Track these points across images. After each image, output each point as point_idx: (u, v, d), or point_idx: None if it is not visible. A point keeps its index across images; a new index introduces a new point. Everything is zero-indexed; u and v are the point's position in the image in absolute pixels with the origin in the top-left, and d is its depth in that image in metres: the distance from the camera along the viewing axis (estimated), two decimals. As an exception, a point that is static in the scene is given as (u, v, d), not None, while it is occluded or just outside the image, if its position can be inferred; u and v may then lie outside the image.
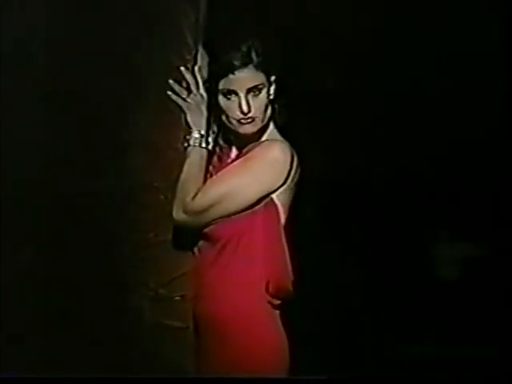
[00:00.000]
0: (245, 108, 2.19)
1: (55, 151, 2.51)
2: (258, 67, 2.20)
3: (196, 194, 2.21)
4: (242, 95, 2.20)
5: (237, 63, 2.17)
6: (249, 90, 2.20)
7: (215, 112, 2.28)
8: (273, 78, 2.26)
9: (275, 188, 2.23)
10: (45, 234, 2.51)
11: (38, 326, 2.47)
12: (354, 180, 11.16)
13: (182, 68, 2.34)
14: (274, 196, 2.24)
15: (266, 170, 2.21)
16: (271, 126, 2.32)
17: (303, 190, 2.31)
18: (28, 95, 2.51)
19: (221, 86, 2.21)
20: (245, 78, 2.19)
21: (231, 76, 2.19)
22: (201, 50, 2.36)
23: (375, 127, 8.93)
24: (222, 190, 2.21)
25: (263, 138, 2.30)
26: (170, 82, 2.33)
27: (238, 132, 2.26)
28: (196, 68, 2.34)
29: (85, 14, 2.50)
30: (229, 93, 2.21)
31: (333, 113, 8.37)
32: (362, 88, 7.94)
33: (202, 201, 2.21)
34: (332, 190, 11.11)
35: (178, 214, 2.24)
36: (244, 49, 2.19)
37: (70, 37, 2.51)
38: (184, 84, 2.34)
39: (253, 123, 2.23)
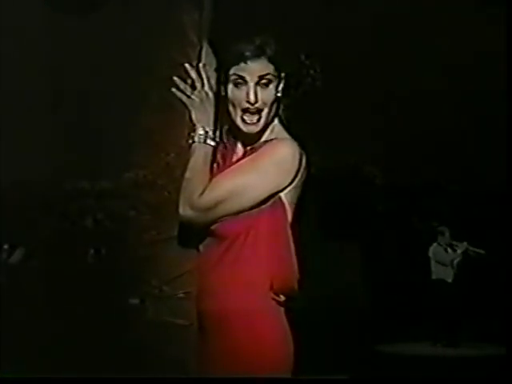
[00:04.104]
0: (252, 97, 2.19)
1: (56, 150, 2.50)
2: (270, 60, 2.20)
3: (203, 191, 2.20)
4: (251, 84, 2.20)
5: (250, 53, 2.18)
6: (258, 80, 2.20)
7: (222, 105, 2.27)
8: (283, 74, 2.26)
9: (283, 187, 2.22)
10: (46, 234, 2.50)
11: (38, 326, 2.46)
12: (357, 178, 11.18)
13: (187, 65, 2.33)
14: (282, 195, 2.23)
15: (274, 169, 2.20)
16: (276, 122, 2.31)
17: (309, 188, 2.30)
18: (29, 94, 2.50)
19: (232, 72, 2.21)
20: (256, 66, 2.19)
21: (243, 64, 2.19)
22: (205, 46, 2.36)
23: (376, 127, 8.94)
24: (230, 188, 2.20)
25: (267, 135, 2.29)
26: (175, 79, 2.32)
27: (242, 130, 2.25)
28: (200, 65, 2.33)
29: (87, 14, 2.49)
30: (238, 80, 2.20)
31: (337, 112, 8.38)
32: (365, 88, 7.95)
33: (209, 198, 2.20)
34: (335, 188, 11.11)
35: (184, 211, 2.22)
36: (258, 42, 2.19)
37: (72, 36, 2.50)
38: (188, 81, 2.33)
39: (257, 124, 2.23)
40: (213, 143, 2.28)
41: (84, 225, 2.48)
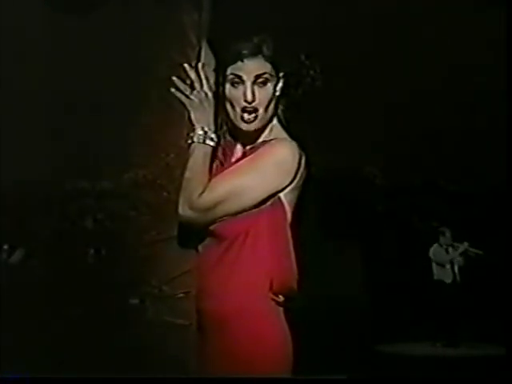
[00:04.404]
0: (249, 96, 2.19)
1: (56, 150, 2.50)
2: (267, 59, 2.21)
3: (203, 191, 2.20)
4: (248, 83, 2.20)
5: (247, 52, 2.19)
6: (255, 79, 2.20)
7: (221, 104, 2.27)
8: (281, 74, 2.26)
9: (282, 187, 2.22)
10: (46, 234, 2.50)
11: (38, 326, 2.46)
12: (357, 179, 11.16)
13: (186, 65, 2.33)
14: (281, 195, 2.23)
15: (274, 170, 2.20)
16: (275, 122, 2.31)
17: (309, 188, 2.30)
18: (29, 94, 2.51)
19: (228, 71, 2.22)
20: (253, 65, 2.20)
21: (240, 63, 2.20)
22: (204, 46, 2.37)
23: (376, 127, 8.94)
24: (230, 188, 2.20)
25: (266, 134, 2.29)
26: (174, 79, 2.33)
27: (240, 129, 2.26)
28: (199, 65, 2.33)
29: (87, 14, 2.49)
30: (236, 79, 2.21)
31: (337, 112, 8.39)
32: (365, 88, 7.94)
33: (209, 198, 2.20)
34: (335, 189, 11.09)
35: (184, 211, 2.22)
36: (256, 40, 2.20)
37: (72, 36, 2.50)
38: (187, 81, 2.34)
39: (255, 123, 2.23)
40: (212, 143, 2.28)
41: (84, 225, 2.48)
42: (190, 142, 2.29)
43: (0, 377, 2.31)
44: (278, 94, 2.27)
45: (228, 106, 2.25)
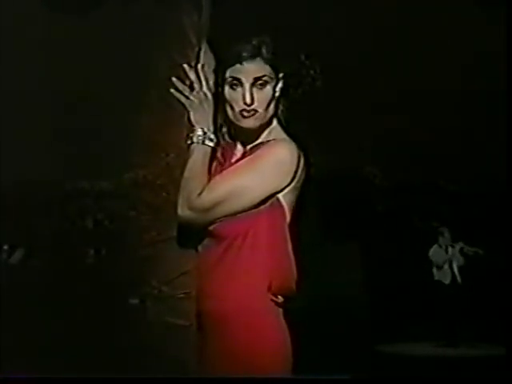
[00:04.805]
0: (248, 99, 2.20)
1: (56, 150, 2.50)
2: (266, 61, 2.21)
3: (202, 192, 2.21)
4: (247, 86, 2.20)
5: (246, 54, 2.19)
6: (254, 81, 2.21)
7: (220, 105, 2.28)
8: (281, 75, 2.27)
9: (281, 188, 2.23)
10: (46, 234, 2.50)
11: (38, 326, 2.46)
12: (357, 179, 11.17)
13: (186, 66, 2.34)
14: (280, 196, 2.24)
15: (273, 170, 2.21)
16: (275, 123, 2.32)
17: (309, 188, 2.31)
18: (29, 94, 2.51)
19: (227, 74, 2.22)
20: (252, 67, 2.20)
21: (238, 66, 2.20)
22: (204, 47, 2.37)
23: (376, 127, 8.94)
24: (229, 188, 2.21)
25: (266, 135, 2.30)
26: (173, 79, 2.33)
27: (240, 126, 2.26)
28: (199, 66, 2.34)
29: (86, 14, 2.50)
30: (234, 81, 2.21)
31: (337, 112, 8.39)
32: (365, 88, 7.95)
33: (208, 198, 2.21)
34: (335, 189, 11.10)
35: (183, 211, 2.23)
36: (255, 42, 2.20)
37: (72, 36, 2.50)
38: (187, 82, 2.34)
39: (255, 117, 2.23)
40: (211, 144, 2.29)
41: (84, 225, 2.48)
42: (189, 142, 2.30)
43: (0, 377, 2.31)
44: (277, 94, 2.27)
45: (227, 108, 2.26)
